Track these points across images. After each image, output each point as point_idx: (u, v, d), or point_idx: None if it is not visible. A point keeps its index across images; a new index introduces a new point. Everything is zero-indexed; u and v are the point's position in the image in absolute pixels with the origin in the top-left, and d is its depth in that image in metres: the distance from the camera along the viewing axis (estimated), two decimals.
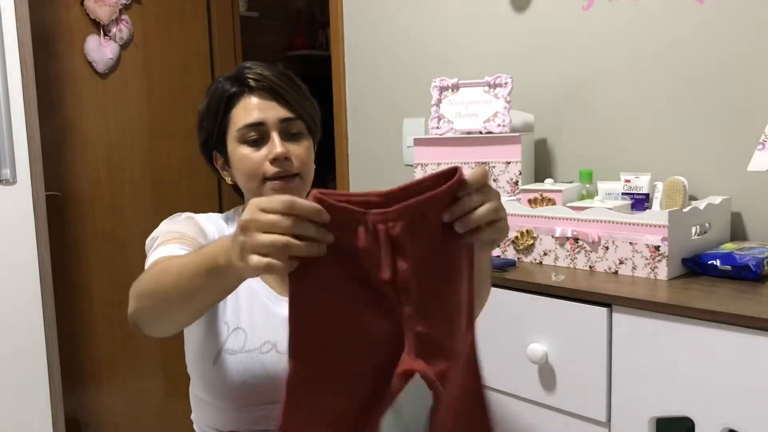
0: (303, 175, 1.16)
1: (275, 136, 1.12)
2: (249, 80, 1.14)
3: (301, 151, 1.15)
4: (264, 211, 0.72)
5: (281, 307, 1.18)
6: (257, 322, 1.16)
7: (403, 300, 0.75)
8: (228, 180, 1.22)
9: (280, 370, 1.13)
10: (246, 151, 1.13)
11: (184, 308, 0.91)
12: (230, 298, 1.16)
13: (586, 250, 1.32)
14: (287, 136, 1.14)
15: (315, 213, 0.71)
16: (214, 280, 0.83)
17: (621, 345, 1.14)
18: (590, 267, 1.32)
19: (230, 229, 1.24)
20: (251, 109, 1.13)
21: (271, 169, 1.12)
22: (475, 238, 0.77)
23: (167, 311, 0.92)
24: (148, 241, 1.15)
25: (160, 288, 0.90)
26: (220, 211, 1.29)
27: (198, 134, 1.22)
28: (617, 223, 1.28)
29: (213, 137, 1.19)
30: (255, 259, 0.71)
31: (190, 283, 0.86)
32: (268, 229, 0.71)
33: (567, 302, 1.20)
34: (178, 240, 1.07)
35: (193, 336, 1.18)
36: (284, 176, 1.13)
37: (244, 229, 0.73)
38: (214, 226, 1.21)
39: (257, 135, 1.13)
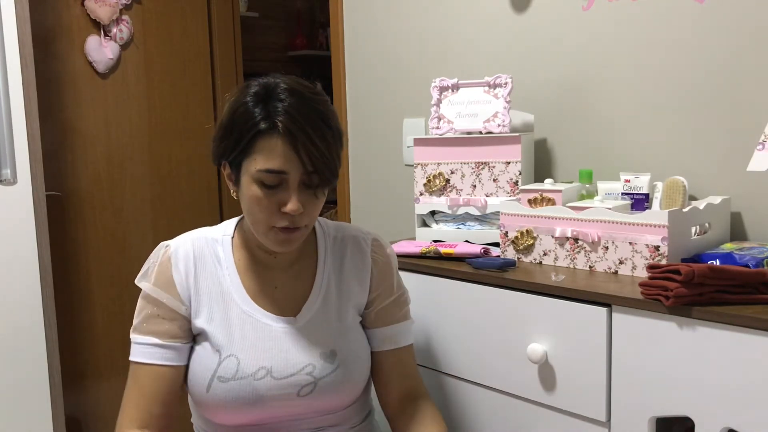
0: (309, 224, 1.13)
1: (293, 191, 1.07)
2: (279, 121, 1.04)
3: (314, 208, 1.11)
4: None
5: (276, 329, 1.15)
6: (251, 347, 1.13)
7: None
8: (233, 194, 1.16)
9: (276, 396, 1.11)
10: (260, 193, 1.07)
11: None
12: (221, 324, 1.14)
13: (585, 250, 1.32)
14: (305, 187, 1.08)
15: None
16: None
17: (621, 345, 1.14)
18: (590, 267, 1.32)
19: (222, 253, 1.19)
20: (276, 155, 1.05)
21: (280, 221, 1.08)
22: None
23: None
24: (137, 280, 1.16)
25: None
26: (220, 211, 1.26)
27: (213, 144, 1.14)
28: (617, 223, 1.28)
29: (228, 158, 1.12)
30: None
31: None
32: None
33: (567, 302, 1.20)
34: (153, 333, 1.13)
35: (189, 363, 1.16)
36: (291, 227, 1.10)
37: None
38: (190, 252, 1.17)
39: (276, 182, 1.07)
